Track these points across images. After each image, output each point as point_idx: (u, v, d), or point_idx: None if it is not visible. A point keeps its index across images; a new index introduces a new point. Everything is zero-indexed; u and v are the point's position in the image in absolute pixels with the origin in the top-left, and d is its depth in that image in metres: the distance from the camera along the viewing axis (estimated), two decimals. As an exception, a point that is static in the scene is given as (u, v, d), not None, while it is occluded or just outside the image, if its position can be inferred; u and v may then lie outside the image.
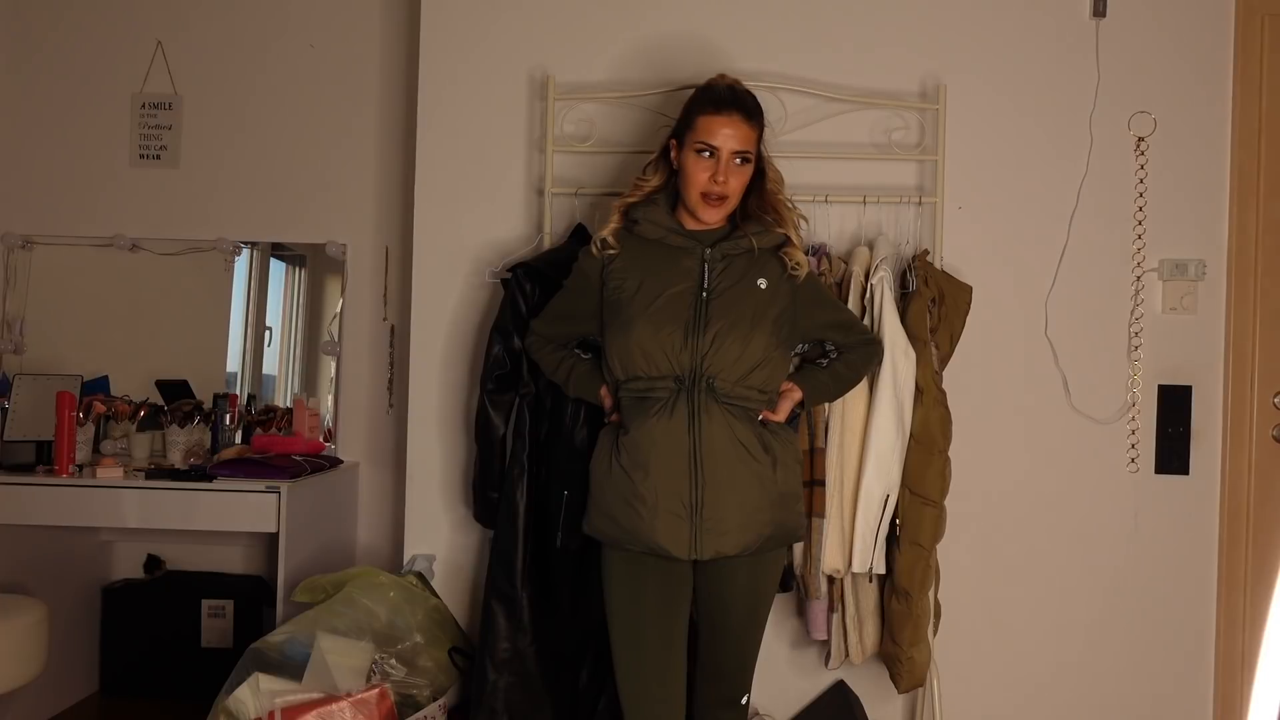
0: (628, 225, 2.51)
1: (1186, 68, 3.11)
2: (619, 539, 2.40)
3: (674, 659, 2.43)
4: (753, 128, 2.42)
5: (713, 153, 2.39)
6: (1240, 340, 3.10)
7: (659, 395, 2.37)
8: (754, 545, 2.38)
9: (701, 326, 2.37)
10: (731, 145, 2.39)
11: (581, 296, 2.55)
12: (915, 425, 2.85)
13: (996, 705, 3.14)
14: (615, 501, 2.40)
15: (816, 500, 2.82)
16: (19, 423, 3.42)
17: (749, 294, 2.42)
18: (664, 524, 2.34)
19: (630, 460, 2.37)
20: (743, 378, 2.38)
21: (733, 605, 2.45)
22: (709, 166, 2.39)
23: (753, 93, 2.48)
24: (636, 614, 2.42)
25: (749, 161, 2.43)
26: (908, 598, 2.83)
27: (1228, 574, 3.11)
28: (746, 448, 2.37)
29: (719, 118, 2.39)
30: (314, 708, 2.66)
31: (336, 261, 3.69)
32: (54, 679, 3.35)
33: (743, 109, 2.41)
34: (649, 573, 2.40)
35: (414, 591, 3.01)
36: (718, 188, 2.40)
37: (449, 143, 3.19)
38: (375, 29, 3.69)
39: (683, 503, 2.33)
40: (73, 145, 3.74)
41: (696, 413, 2.35)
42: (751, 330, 2.38)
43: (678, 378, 2.36)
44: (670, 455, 2.34)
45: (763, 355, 2.39)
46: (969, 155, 3.10)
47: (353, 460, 3.69)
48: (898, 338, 2.82)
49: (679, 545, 2.34)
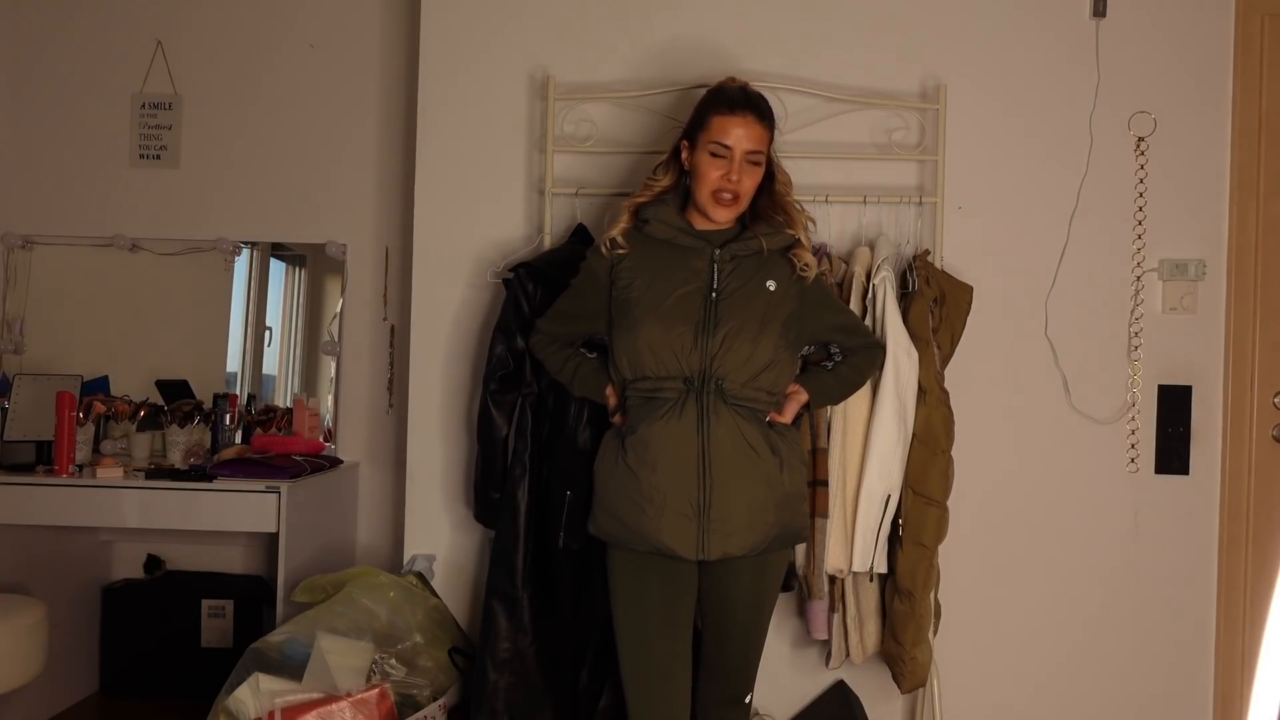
0: (637, 225, 2.51)
1: (1186, 68, 3.11)
2: (625, 539, 2.40)
3: (679, 658, 2.44)
4: (765, 128, 2.44)
5: (727, 152, 2.41)
6: (1240, 340, 3.10)
7: (667, 395, 2.38)
8: (759, 546, 2.39)
9: (711, 327, 2.38)
10: (745, 145, 2.41)
11: (589, 295, 2.55)
12: (918, 425, 2.85)
13: (996, 705, 3.14)
14: (621, 501, 2.40)
15: (819, 500, 2.82)
16: (19, 423, 3.42)
17: (758, 295, 2.43)
18: (671, 524, 2.34)
19: (637, 460, 2.38)
20: (751, 379, 2.38)
21: (737, 605, 2.45)
22: (722, 166, 2.41)
23: (764, 95, 2.51)
24: (642, 613, 2.42)
25: (759, 164, 2.45)
26: (911, 598, 2.83)
27: (1228, 574, 3.11)
28: (754, 449, 2.37)
29: (733, 118, 2.42)
30: (314, 708, 2.66)
31: (336, 261, 3.69)
32: (54, 679, 3.35)
33: (756, 110, 2.44)
34: (654, 572, 2.40)
35: (414, 591, 3.01)
36: (731, 186, 2.41)
37: (449, 143, 3.19)
38: (375, 29, 3.69)
39: (690, 503, 2.34)
40: (73, 145, 3.74)
41: (705, 414, 2.35)
42: (761, 332, 2.39)
43: (686, 378, 2.37)
44: (678, 455, 2.35)
45: (771, 357, 2.40)
46: (969, 155, 3.10)
47: (353, 460, 3.68)
48: (900, 338, 2.82)
49: (686, 546, 2.35)
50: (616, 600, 2.45)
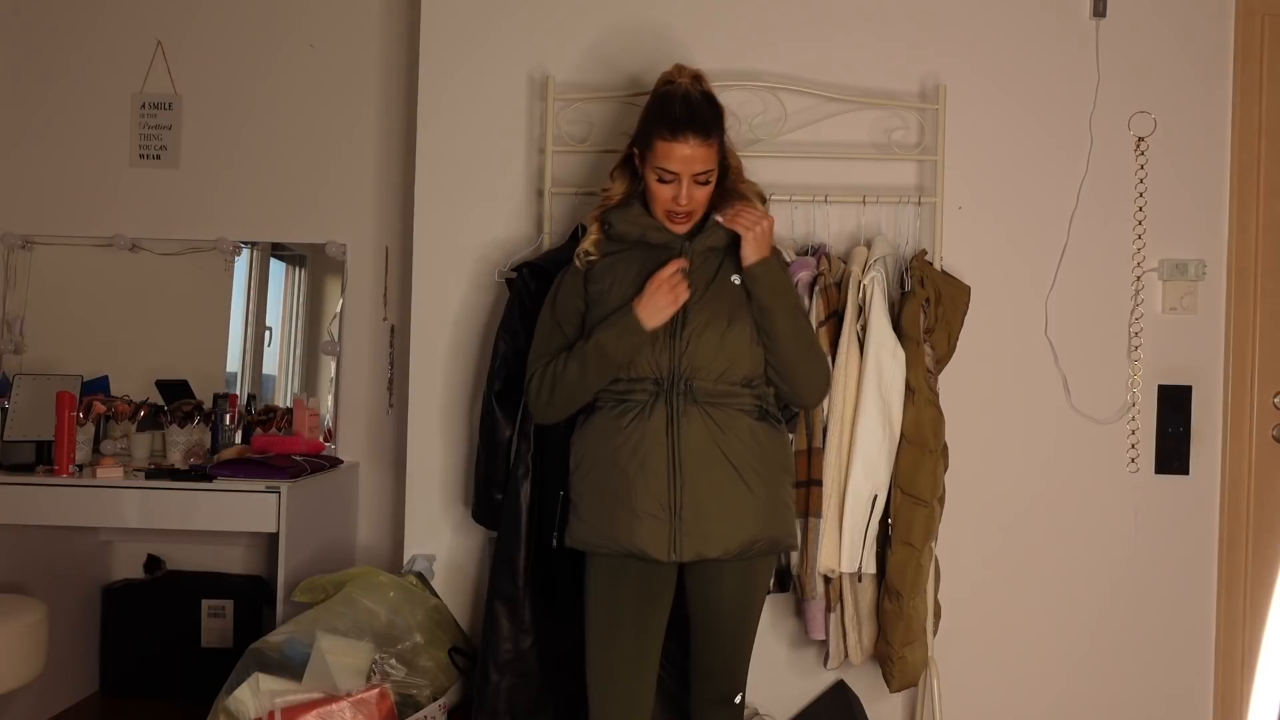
0: (606, 231, 2.50)
1: (1186, 68, 3.11)
2: (601, 545, 2.40)
3: (646, 658, 2.44)
4: (711, 144, 2.36)
5: (674, 177, 2.37)
6: (1240, 340, 3.10)
7: (638, 398, 2.38)
8: (738, 551, 2.37)
9: (681, 323, 2.37)
10: (692, 169, 2.36)
11: (569, 299, 2.49)
12: (907, 425, 2.84)
13: (996, 705, 3.14)
14: (594, 507, 2.40)
15: (813, 500, 2.82)
16: (19, 423, 3.42)
17: (725, 290, 2.42)
18: (644, 527, 2.34)
19: (609, 464, 2.38)
20: (722, 374, 2.37)
21: (722, 608, 2.45)
22: (672, 189, 2.38)
23: (710, 97, 2.42)
24: (614, 613, 2.42)
25: (710, 180, 2.41)
26: (899, 598, 2.83)
27: (1228, 574, 3.10)
28: (723, 452, 2.35)
29: (676, 144, 2.33)
30: (314, 708, 2.66)
31: (336, 261, 3.69)
32: (54, 679, 3.35)
33: (699, 129, 2.34)
34: (630, 574, 2.40)
35: (414, 591, 3.01)
36: (682, 208, 2.40)
37: (449, 143, 3.19)
38: (375, 29, 3.69)
39: (661, 505, 2.33)
40: (73, 145, 3.74)
41: (675, 415, 2.35)
42: (730, 325, 2.38)
43: (656, 380, 2.37)
44: (649, 458, 2.34)
45: (741, 350, 2.39)
46: (969, 155, 3.10)
47: (353, 460, 3.69)
48: (885, 338, 2.82)
49: (659, 547, 2.34)
50: (590, 601, 2.45)
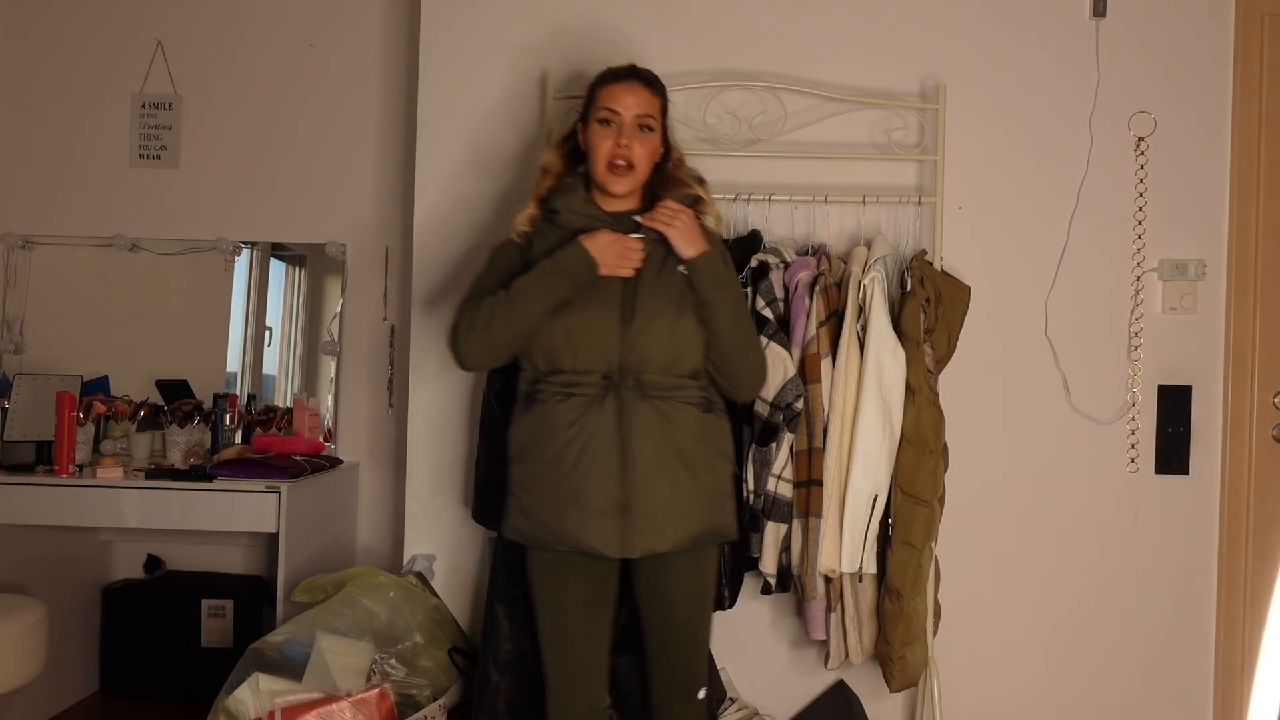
0: (548, 215, 2.50)
1: (1186, 68, 3.11)
2: (545, 540, 2.39)
3: (597, 654, 2.44)
4: (654, 95, 2.47)
5: (615, 118, 2.42)
6: (1240, 340, 3.10)
7: (585, 391, 2.35)
8: (686, 543, 2.37)
9: (631, 313, 2.36)
10: (633, 111, 2.43)
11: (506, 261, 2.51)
12: (907, 425, 2.84)
13: (996, 705, 3.14)
14: (539, 501, 2.38)
15: (813, 500, 2.82)
16: (19, 423, 3.42)
17: (671, 280, 2.41)
18: (592, 523, 2.32)
19: (557, 459, 2.34)
20: (670, 365, 2.36)
21: (677, 602, 2.44)
22: (612, 134, 2.42)
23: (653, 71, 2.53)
24: (562, 612, 2.41)
25: (653, 131, 2.46)
26: (899, 597, 2.83)
27: (1228, 574, 3.10)
28: (673, 446, 2.35)
29: (618, 85, 2.45)
30: (314, 708, 2.66)
31: (336, 261, 3.69)
32: (54, 679, 3.35)
33: (642, 78, 2.48)
34: (575, 571, 2.39)
35: (414, 591, 3.01)
36: (622, 153, 2.41)
37: (449, 142, 3.19)
38: (375, 29, 3.69)
39: (611, 501, 2.32)
40: (73, 145, 3.74)
41: (625, 410, 2.33)
42: (679, 315, 2.38)
43: (605, 374, 2.35)
44: (598, 453, 2.32)
45: (689, 340, 2.39)
46: (969, 155, 3.10)
47: (353, 460, 3.69)
48: (885, 338, 2.82)
49: (607, 544, 2.33)
50: (538, 599, 2.44)
